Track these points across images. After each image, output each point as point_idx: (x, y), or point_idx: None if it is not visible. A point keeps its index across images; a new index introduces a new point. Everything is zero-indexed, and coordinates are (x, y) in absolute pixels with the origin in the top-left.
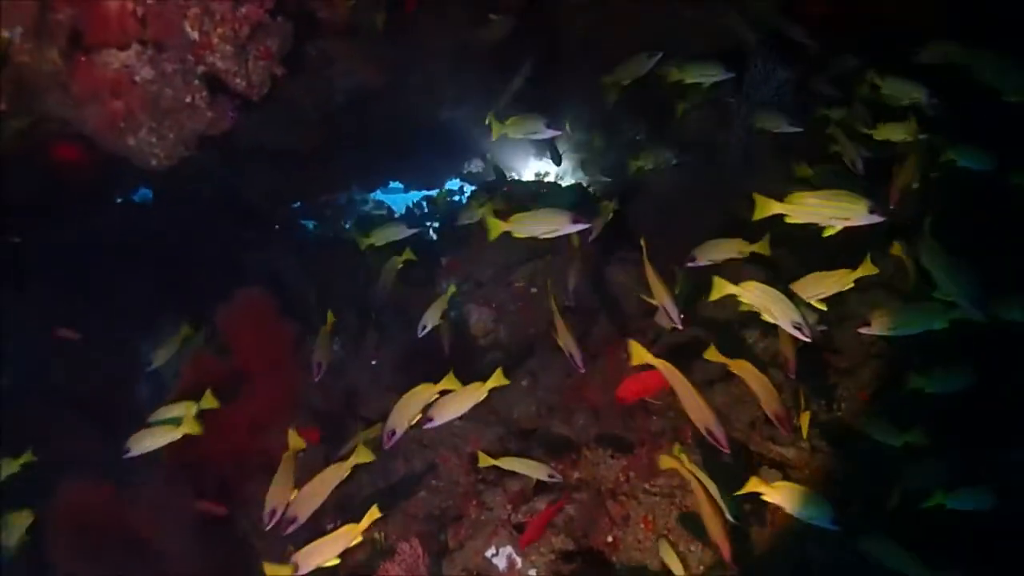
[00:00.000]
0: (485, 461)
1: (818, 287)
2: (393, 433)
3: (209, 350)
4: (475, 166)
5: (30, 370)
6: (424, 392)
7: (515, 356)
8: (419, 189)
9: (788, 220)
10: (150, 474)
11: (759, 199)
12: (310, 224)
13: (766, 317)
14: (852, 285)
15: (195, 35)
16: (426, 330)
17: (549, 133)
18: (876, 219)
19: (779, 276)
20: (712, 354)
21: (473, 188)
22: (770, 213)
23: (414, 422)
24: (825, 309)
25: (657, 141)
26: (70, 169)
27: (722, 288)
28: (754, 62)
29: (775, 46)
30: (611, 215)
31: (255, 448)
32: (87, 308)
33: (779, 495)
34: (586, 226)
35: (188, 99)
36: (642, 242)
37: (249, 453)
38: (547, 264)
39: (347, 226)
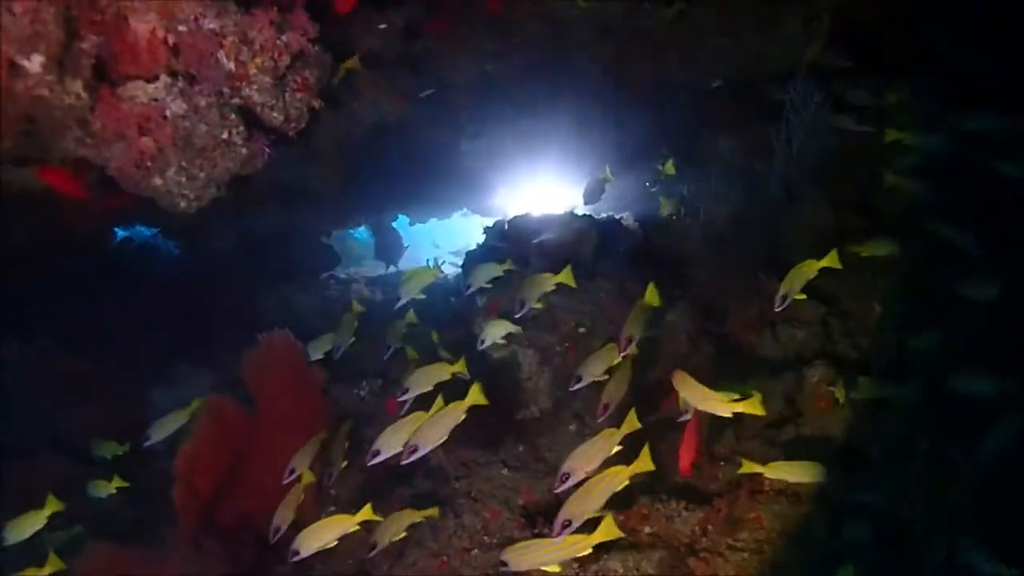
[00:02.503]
0: (750, 468)
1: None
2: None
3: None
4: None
5: (37, 422)
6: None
7: (560, 399)
8: (424, 222)
9: None
10: (177, 535)
11: None
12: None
13: None
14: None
15: (231, 66)
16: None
17: None
18: None
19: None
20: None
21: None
22: None
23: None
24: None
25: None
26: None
27: None
28: (792, 87)
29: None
30: None
31: None
32: (95, 354)
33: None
34: None
35: (224, 135)
36: None
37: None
38: (597, 305)
39: None
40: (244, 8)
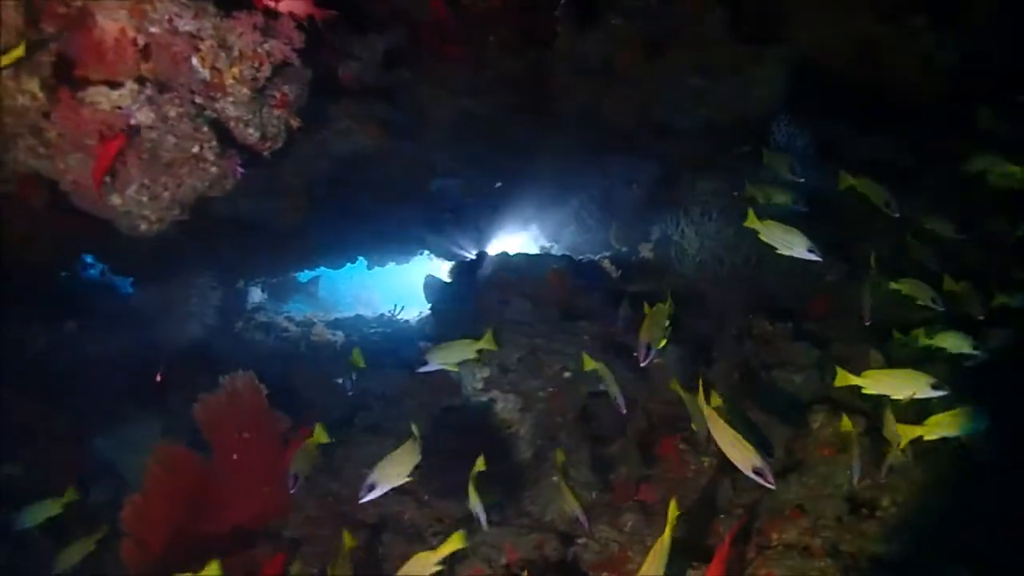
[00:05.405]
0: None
1: None
2: None
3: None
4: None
5: None
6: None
7: (541, 448)
8: (385, 264)
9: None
10: None
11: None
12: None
13: None
14: None
15: (206, 73)
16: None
17: None
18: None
19: None
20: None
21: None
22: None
23: None
24: None
25: None
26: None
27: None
28: (774, 128)
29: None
30: None
31: (240, 564)
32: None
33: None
34: None
35: (195, 149)
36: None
37: (234, 570)
38: (581, 347)
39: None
40: (225, 10)
